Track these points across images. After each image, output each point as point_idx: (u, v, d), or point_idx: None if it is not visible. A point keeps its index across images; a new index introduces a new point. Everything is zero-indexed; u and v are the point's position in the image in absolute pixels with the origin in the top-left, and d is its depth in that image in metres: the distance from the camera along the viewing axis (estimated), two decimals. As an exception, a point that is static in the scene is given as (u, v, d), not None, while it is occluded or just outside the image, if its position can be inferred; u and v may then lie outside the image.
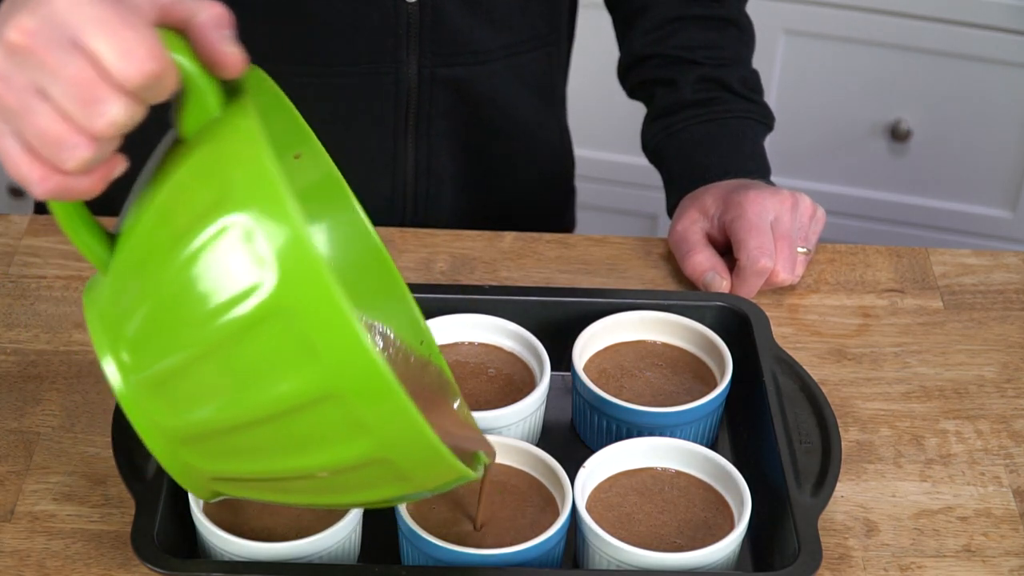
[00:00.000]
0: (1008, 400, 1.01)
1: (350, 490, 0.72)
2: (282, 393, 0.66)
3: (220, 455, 0.72)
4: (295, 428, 0.68)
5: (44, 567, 0.86)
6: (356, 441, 0.67)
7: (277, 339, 0.65)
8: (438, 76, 1.16)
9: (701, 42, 1.19)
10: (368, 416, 0.66)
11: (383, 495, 0.73)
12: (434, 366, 0.84)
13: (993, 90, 1.92)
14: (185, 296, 0.67)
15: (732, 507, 0.88)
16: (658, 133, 1.19)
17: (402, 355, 0.85)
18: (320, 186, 0.83)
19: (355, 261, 0.84)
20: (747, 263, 1.05)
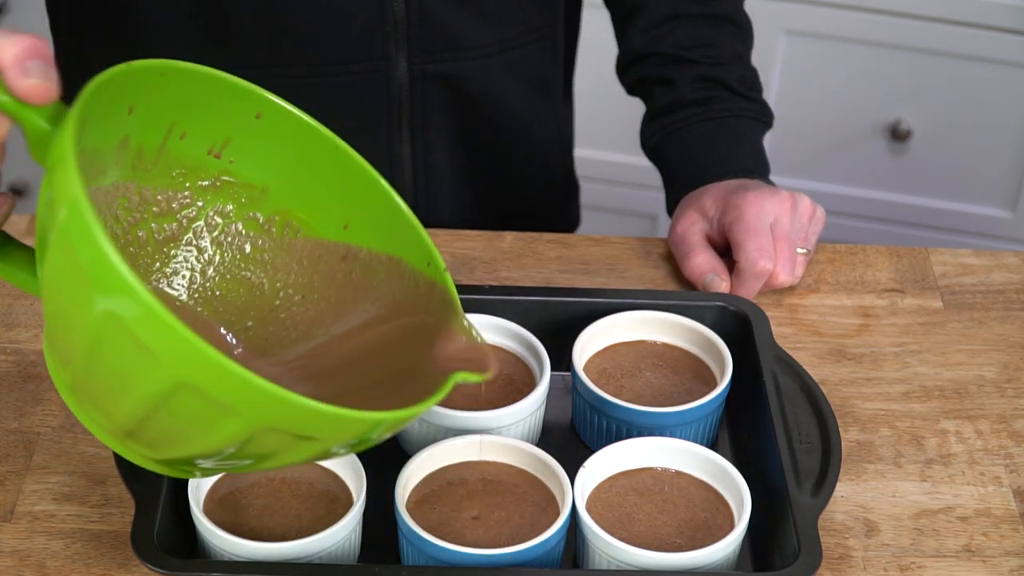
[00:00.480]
0: (1008, 400, 1.01)
1: (277, 456, 0.73)
2: (143, 394, 0.69)
3: (148, 444, 0.74)
4: (174, 419, 0.70)
5: (44, 567, 0.86)
6: (229, 419, 0.69)
7: (119, 348, 0.68)
8: (429, 72, 1.16)
9: (699, 40, 1.19)
10: (222, 396, 0.67)
11: (311, 453, 0.74)
12: (440, 287, 0.84)
13: (993, 90, 1.92)
14: (56, 314, 0.72)
15: (732, 507, 0.88)
16: (657, 132, 1.19)
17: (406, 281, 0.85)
18: (296, 137, 0.83)
19: (357, 197, 0.85)
20: (746, 265, 1.05)
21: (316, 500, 0.87)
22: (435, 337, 0.82)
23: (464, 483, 0.88)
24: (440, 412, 0.91)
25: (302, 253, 0.86)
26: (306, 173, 0.85)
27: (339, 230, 0.86)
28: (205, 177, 0.84)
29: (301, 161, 0.84)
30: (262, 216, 0.86)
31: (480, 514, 0.87)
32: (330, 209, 0.85)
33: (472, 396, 0.95)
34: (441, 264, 0.84)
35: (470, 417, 0.91)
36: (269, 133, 0.83)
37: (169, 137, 0.81)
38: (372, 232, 0.85)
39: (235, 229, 0.86)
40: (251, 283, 0.87)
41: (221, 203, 0.85)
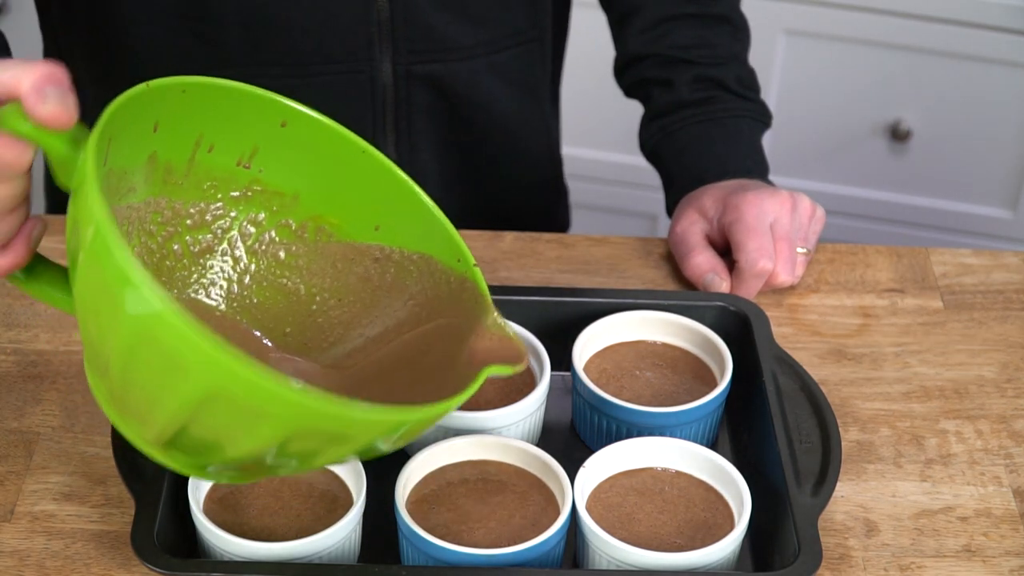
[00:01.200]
0: (1008, 400, 1.01)
1: (317, 456, 0.74)
2: (176, 405, 0.70)
3: (189, 453, 0.75)
4: (209, 427, 0.71)
5: (44, 567, 0.86)
6: (261, 425, 0.70)
7: (150, 360, 0.69)
8: (414, 73, 1.17)
9: (696, 41, 1.19)
10: (251, 403, 0.68)
11: (349, 450, 0.74)
12: (470, 282, 0.84)
13: (993, 90, 1.92)
14: (91, 330, 0.73)
15: (732, 507, 0.88)
16: (656, 133, 1.19)
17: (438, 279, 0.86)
18: (322, 142, 0.84)
19: (385, 198, 0.86)
20: (746, 265, 1.05)
21: (316, 500, 0.87)
22: (467, 335, 0.83)
23: (464, 483, 0.88)
24: (440, 412, 0.91)
25: (336, 257, 0.87)
26: (335, 177, 0.85)
27: (371, 232, 0.87)
28: (236, 188, 0.85)
29: (329, 166, 0.85)
30: (294, 223, 0.87)
31: (480, 514, 0.87)
32: (361, 212, 0.86)
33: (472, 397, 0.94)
34: (471, 259, 0.84)
35: (470, 417, 0.91)
36: (295, 140, 0.83)
37: (197, 151, 0.82)
38: (403, 232, 0.86)
39: (269, 237, 0.87)
40: (287, 289, 0.88)
41: (254, 212, 0.86)
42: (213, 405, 0.69)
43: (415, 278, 0.86)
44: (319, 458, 0.75)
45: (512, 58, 1.21)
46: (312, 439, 0.72)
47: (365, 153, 0.85)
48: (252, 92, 0.81)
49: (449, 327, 0.84)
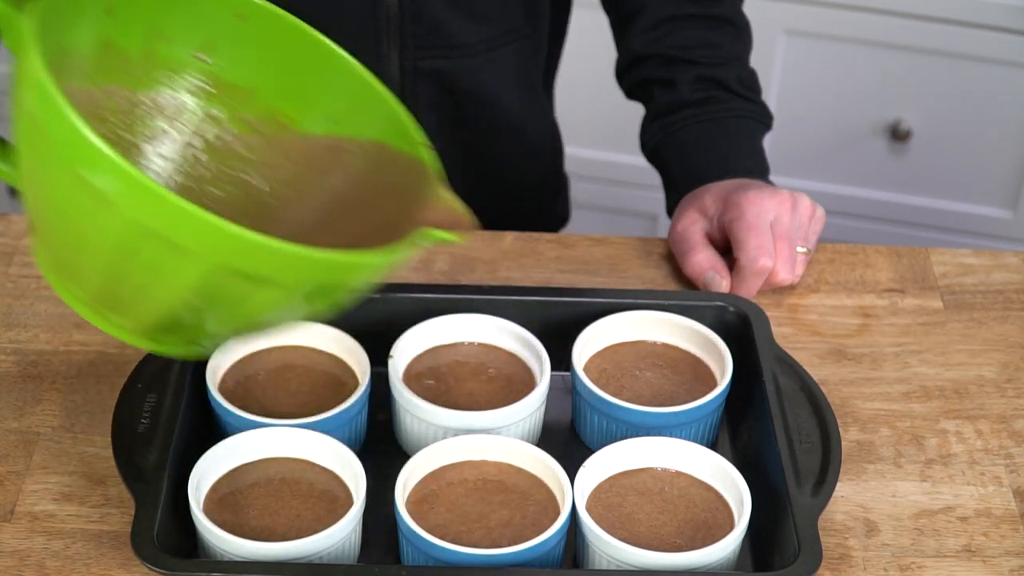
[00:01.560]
0: (1008, 400, 1.01)
1: (244, 305, 0.75)
2: (103, 246, 0.72)
3: (121, 310, 0.77)
4: (134, 271, 0.73)
5: (44, 567, 0.86)
6: (184, 262, 0.71)
7: (79, 204, 0.71)
8: (420, 69, 1.17)
9: (698, 41, 1.19)
10: (171, 234, 0.70)
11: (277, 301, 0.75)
12: (420, 162, 0.86)
13: (993, 90, 1.92)
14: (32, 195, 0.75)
15: (732, 507, 0.88)
16: (657, 133, 1.19)
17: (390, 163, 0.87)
18: (279, 36, 0.86)
19: (341, 89, 0.88)
20: (746, 263, 1.05)
21: (316, 500, 0.87)
22: (416, 203, 0.85)
23: (464, 483, 0.88)
24: (440, 412, 0.91)
25: (293, 150, 0.88)
26: (291, 71, 0.87)
27: (327, 123, 0.88)
28: (194, 81, 0.86)
29: (285, 59, 0.87)
30: (252, 117, 0.88)
31: (480, 514, 0.87)
32: (317, 104, 0.88)
33: (472, 396, 0.95)
34: (420, 139, 0.86)
35: (470, 417, 0.91)
36: (252, 34, 0.85)
37: (154, 41, 0.83)
38: (357, 121, 0.88)
39: (227, 131, 0.88)
40: (246, 183, 0.89)
41: (212, 106, 0.87)
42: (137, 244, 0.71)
43: (369, 165, 0.87)
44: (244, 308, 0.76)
45: (509, 54, 1.21)
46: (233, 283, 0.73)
47: (319, 44, 0.86)
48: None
49: (400, 206, 0.85)
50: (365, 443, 0.96)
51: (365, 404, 0.93)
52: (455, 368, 0.96)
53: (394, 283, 1.01)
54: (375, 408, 0.97)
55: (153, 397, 0.91)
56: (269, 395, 0.94)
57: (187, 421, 0.90)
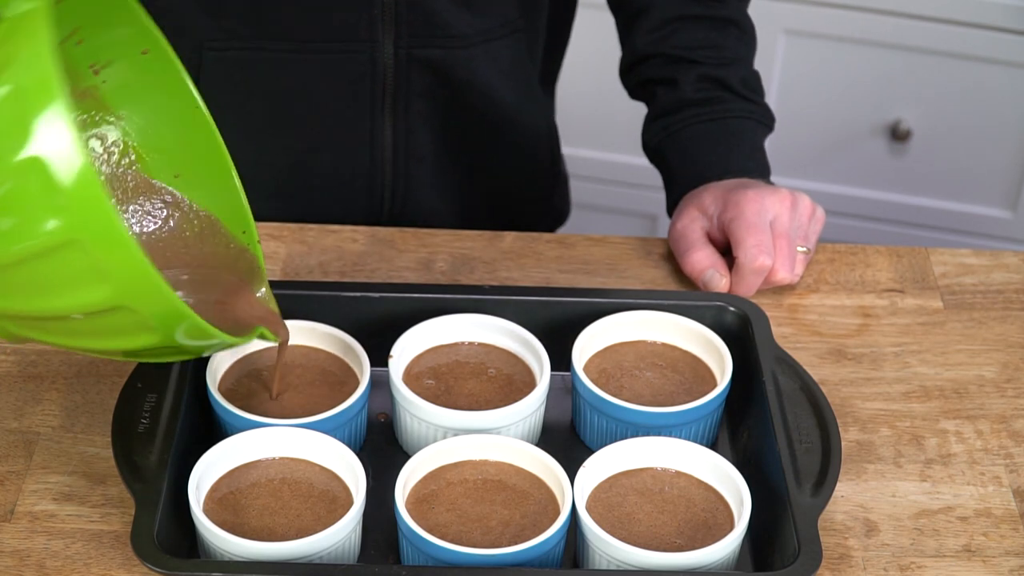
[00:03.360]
0: (1008, 400, 1.01)
1: (107, 335, 0.79)
2: (29, 240, 0.74)
3: None
4: (44, 271, 0.75)
5: (44, 567, 0.86)
6: (97, 286, 0.74)
7: (22, 190, 0.73)
8: (415, 57, 1.18)
9: (702, 42, 1.19)
10: (105, 262, 0.73)
11: (141, 343, 0.79)
12: (250, 255, 0.92)
13: (993, 90, 1.92)
14: None
15: (732, 507, 0.88)
16: (658, 132, 1.19)
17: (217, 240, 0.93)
18: (168, 83, 0.90)
19: (198, 155, 0.92)
20: (745, 261, 1.05)
21: (316, 500, 0.87)
22: (238, 291, 0.90)
23: (464, 483, 0.88)
24: (440, 412, 0.91)
25: (129, 185, 0.92)
26: (161, 117, 0.91)
27: (170, 177, 0.93)
28: (78, 86, 0.90)
29: (161, 105, 0.91)
30: (110, 139, 0.92)
31: (480, 514, 0.87)
32: (169, 156, 0.92)
33: (472, 396, 0.95)
34: (255, 236, 0.91)
35: (470, 417, 0.91)
36: (146, 70, 0.89)
37: (69, 38, 0.87)
38: (200, 190, 0.93)
39: (86, 140, 0.92)
40: None
41: (80, 112, 0.91)
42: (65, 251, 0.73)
43: (196, 232, 0.92)
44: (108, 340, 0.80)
45: (504, 47, 1.22)
46: (123, 317, 0.76)
47: (197, 109, 0.91)
48: (137, 12, 0.87)
49: (220, 278, 0.91)
50: (365, 443, 0.96)
51: (365, 404, 0.93)
52: (455, 368, 0.96)
53: (394, 283, 1.02)
54: (375, 408, 0.97)
55: (153, 397, 0.91)
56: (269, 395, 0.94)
57: (187, 421, 0.90)
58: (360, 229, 1.13)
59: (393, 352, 0.95)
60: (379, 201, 1.24)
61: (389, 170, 1.23)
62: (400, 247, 1.12)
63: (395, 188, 1.24)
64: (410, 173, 1.24)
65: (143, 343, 0.80)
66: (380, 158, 1.22)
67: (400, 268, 1.10)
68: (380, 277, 1.09)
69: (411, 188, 1.24)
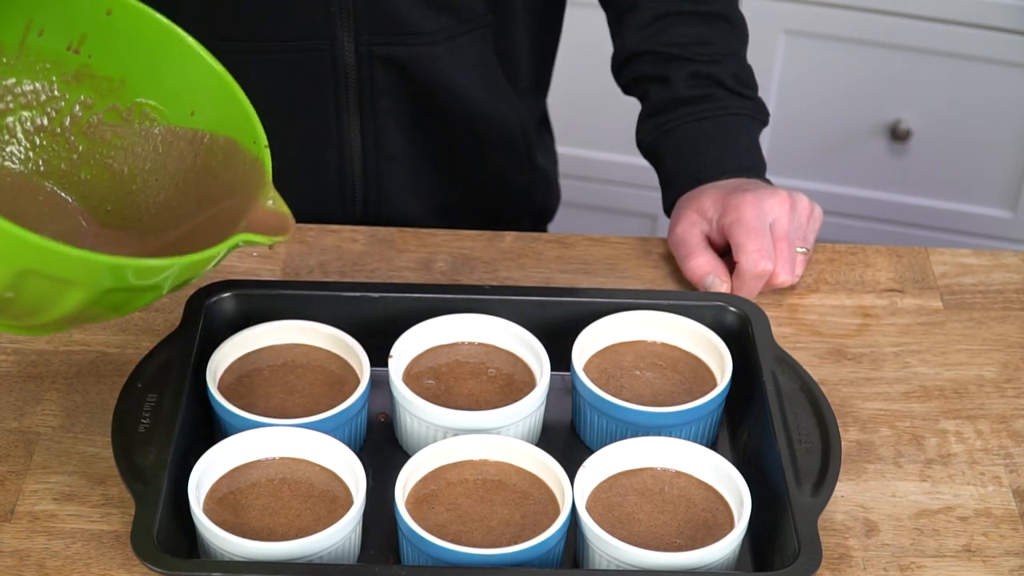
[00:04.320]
0: (1008, 400, 1.01)
1: (53, 302, 0.77)
2: None
3: None
4: None
5: (44, 567, 0.86)
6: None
7: None
8: (376, 54, 1.18)
9: (692, 38, 1.19)
10: None
11: (77, 300, 0.77)
12: (259, 162, 0.89)
13: (993, 90, 1.92)
14: None
15: (732, 507, 0.88)
16: (653, 131, 1.19)
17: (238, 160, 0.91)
18: (145, 31, 0.90)
19: (200, 84, 0.91)
20: (747, 266, 1.05)
21: (316, 500, 0.87)
22: (248, 203, 0.88)
23: (464, 483, 0.88)
24: (440, 412, 0.91)
25: (158, 140, 0.93)
26: (156, 65, 0.91)
27: (187, 116, 0.92)
28: (67, 71, 0.90)
29: (151, 54, 0.91)
30: (122, 107, 0.92)
31: (480, 514, 0.87)
32: (179, 97, 0.92)
33: (472, 396, 0.95)
34: (263, 140, 0.90)
35: (470, 417, 0.91)
36: (121, 29, 0.89)
37: (28, 34, 0.87)
38: (215, 116, 0.92)
39: (98, 119, 0.93)
40: (113, 169, 0.93)
41: (84, 95, 0.91)
42: None
43: (220, 160, 0.91)
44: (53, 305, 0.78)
45: (469, 43, 1.21)
46: (41, 282, 0.75)
47: (182, 42, 0.90)
48: None
49: (237, 204, 0.90)
50: (365, 443, 0.96)
51: (365, 404, 0.93)
52: (455, 368, 0.96)
53: (394, 283, 1.02)
54: (375, 408, 0.97)
55: (153, 397, 0.91)
56: (269, 395, 0.94)
57: (187, 421, 0.90)
58: (360, 229, 1.13)
59: (393, 352, 0.95)
60: (351, 200, 1.24)
61: (359, 170, 1.23)
62: (400, 247, 1.12)
63: (367, 188, 1.24)
64: (381, 172, 1.23)
65: (80, 297, 0.78)
66: (349, 158, 1.22)
67: (400, 268, 1.10)
68: (380, 277, 1.09)
69: (384, 187, 1.24)
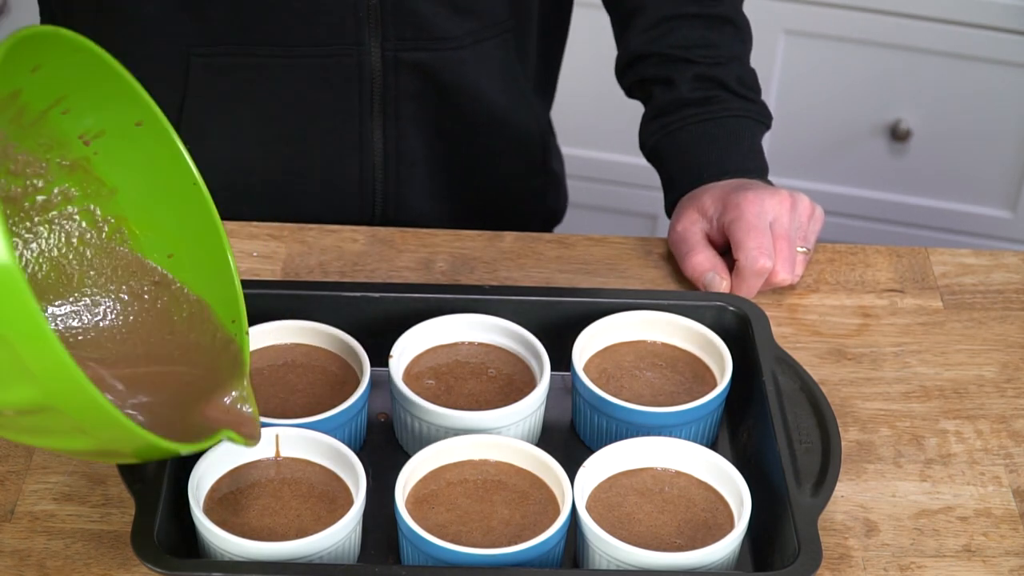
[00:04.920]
0: (1008, 400, 1.01)
1: (42, 434, 0.76)
2: None
3: None
4: None
5: (44, 567, 0.86)
6: (23, 385, 0.71)
7: None
8: (402, 60, 1.18)
9: (697, 41, 1.19)
10: (30, 361, 0.70)
11: (76, 446, 0.76)
12: (235, 347, 0.88)
13: (993, 90, 1.92)
14: None
15: (732, 507, 0.88)
16: (656, 132, 1.19)
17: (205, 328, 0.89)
18: (163, 156, 0.87)
19: (193, 235, 0.88)
20: (746, 263, 1.05)
21: (316, 500, 0.87)
22: (211, 392, 0.85)
23: (464, 483, 0.88)
24: (440, 412, 0.91)
25: (120, 262, 0.89)
26: (157, 193, 0.88)
27: (163, 257, 0.89)
28: (67, 157, 0.87)
29: (157, 180, 0.87)
30: (100, 214, 0.89)
31: (480, 514, 0.87)
32: (164, 234, 0.89)
33: (472, 396, 0.95)
34: (245, 327, 0.87)
35: (470, 417, 0.91)
36: (141, 143, 0.86)
37: (54, 107, 0.83)
38: (193, 272, 0.89)
39: (70, 213, 0.89)
40: (64, 271, 0.89)
41: (70, 185, 0.88)
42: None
43: (184, 316, 0.89)
44: (45, 438, 0.77)
45: (494, 48, 1.21)
46: (53, 419, 0.73)
47: (196, 186, 0.87)
48: (129, 82, 0.83)
49: (195, 378, 0.87)
50: (365, 443, 0.96)
51: (365, 404, 0.93)
52: (455, 368, 0.96)
53: (394, 283, 1.01)
54: (375, 408, 0.97)
55: (153, 397, 0.91)
56: (269, 394, 0.94)
57: (187, 421, 0.90)
58: (360, 229, 1.13)
59: (393, 352, 0.95)
60: (371, 205, 1.24)
61: (380, 175, 1.23)
62: (400, 247, 1.12)
63: (387, 192, 1.24)
64: (401, 178, 1.24)
65: (81, 446, 0.77)
66: (371, 162, 1.22)
67: (400, 268, 1.10)
68: (380, 277, 1.09)
69: (403, 192, 1.24)
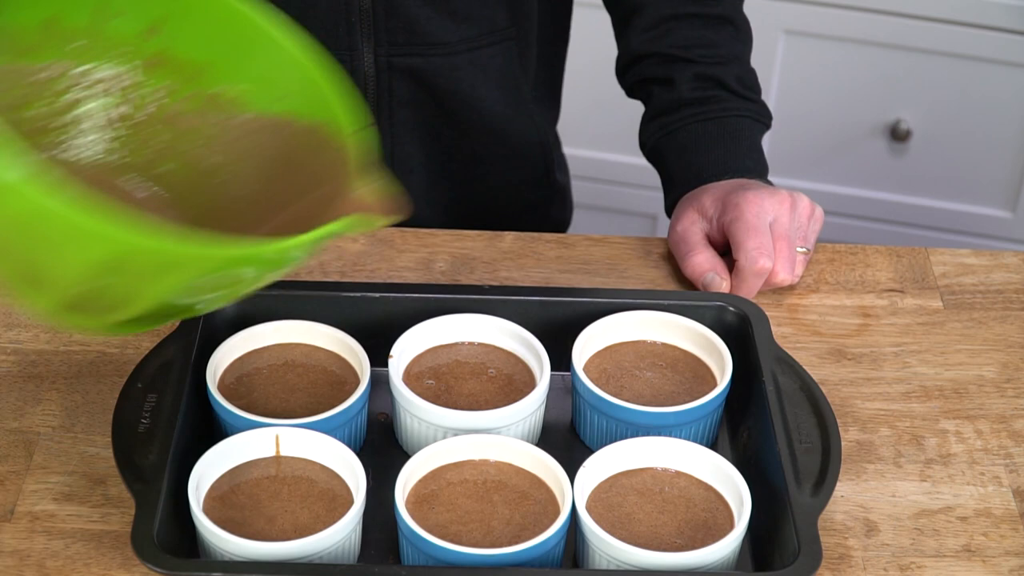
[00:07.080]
0: (1008, 400, 1.01)
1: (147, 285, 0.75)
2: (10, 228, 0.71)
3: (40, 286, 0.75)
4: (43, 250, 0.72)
5: (44, 567, 0.86)
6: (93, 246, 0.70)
7: None
8: (396, 65, 1.17)
9: (697, 41, 1.19)
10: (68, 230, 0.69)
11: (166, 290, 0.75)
12: (353, 148, 0.86)
13: (993, 90, 1.92)
14: None
15: (732, 507, 0.88)
16: (656, 132, 1.19)
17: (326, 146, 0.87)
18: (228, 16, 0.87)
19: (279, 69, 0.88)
20: (746, 264, 1.05)
21: (316, 500, 0.87)
22: (345, 188, 0.85)
23: (464, 483, 0.88)
24: (440, 412, 0.91)
25: (244, 129, 0.89)
26: (239, 49, 0.87)
27: (274, 103, 0.89)
28: (147, 56, 0.87)
29: (233, 38, 0.87)
30: (206, 93, 0.89)
31: (480, 514, 0.87)
32: (263, 84, 0.88)
33: (472, 396, 0.95)
34: (355, 125, 0.86)
35: (470, 417, 0.91)
36: (202, 12, 0.86)
37: (102, 15, 0.83)
38: (300, 103, 0.88)
39: (181, 107, 0.89)
40: (198, 160, 0.89)
41: (167, 81, 0.88)
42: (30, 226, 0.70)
43: (309, 148, 0.88)
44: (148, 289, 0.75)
45: (492, 56, 1.21)
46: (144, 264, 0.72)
47: (261, 27, 0.87)
48: None
49: (332, 189, 0.86)
50: (365, 443, 0.96)
51: (365, 404, 0.93)
52: (455, 368, 0.96)
53: (394, 283, 1.02)
54: (375, 408, 0.97)
55: (153, 397, 0.91)
56: (269, 394, 0.94)
57: (187, 421, 0.90)
58: (360, 229, 1.13)
59: (393, 352, 0.95)
60: None
61: None
62: (400, 247, 1.12)
63: None
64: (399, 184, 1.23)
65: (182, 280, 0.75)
66: None
67: (400, 268, 1.10)
68: (380, 277, 1.09)
69: None
